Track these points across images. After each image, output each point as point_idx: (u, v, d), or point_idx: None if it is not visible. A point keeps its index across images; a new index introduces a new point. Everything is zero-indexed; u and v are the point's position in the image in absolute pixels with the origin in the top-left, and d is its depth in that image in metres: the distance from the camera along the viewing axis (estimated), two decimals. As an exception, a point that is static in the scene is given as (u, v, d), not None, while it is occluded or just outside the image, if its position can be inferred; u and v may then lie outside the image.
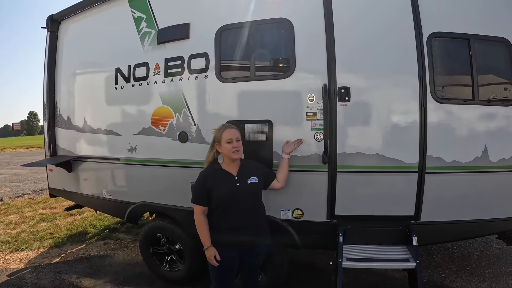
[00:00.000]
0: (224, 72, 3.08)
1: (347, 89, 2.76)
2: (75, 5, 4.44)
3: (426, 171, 2.78)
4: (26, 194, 8.96)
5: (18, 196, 8.65)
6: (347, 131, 2.83)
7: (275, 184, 2.61)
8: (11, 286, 3.89)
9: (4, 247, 5.08)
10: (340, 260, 2.66)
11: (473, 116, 2.81)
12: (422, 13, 2.78)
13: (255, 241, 2.40)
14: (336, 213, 2.89)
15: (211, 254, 2.32)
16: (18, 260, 4.64)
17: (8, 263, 4.56)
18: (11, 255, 4.82)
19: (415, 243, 2.68)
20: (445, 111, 2.80)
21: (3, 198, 8.47)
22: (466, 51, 2.81)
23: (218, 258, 2.31)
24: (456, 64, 2.99)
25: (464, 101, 2.79)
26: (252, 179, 2.42)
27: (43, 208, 7.32)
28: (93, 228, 5.88)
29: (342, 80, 2.78)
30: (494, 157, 2.79)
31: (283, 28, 2.91)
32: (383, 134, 2.84)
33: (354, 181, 2.87)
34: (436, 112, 2.78)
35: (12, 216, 6.83)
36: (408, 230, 2.77)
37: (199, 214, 2.41)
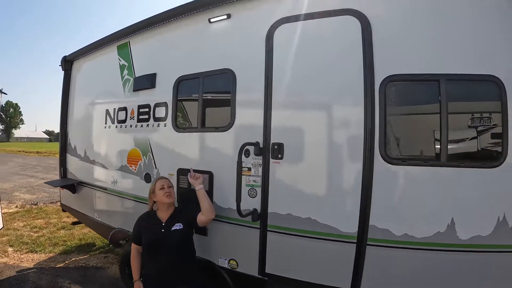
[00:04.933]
0: (178, 122, 3.38)
1: (280, 146, 2.68)
2: (84, 47, 5.16)
3: (368, 243, 2.47)
4: (59, 201, 10.01)
5: (52, 202, 9.82)
6: (279, 190, 2.73)
7: (200, 217, 2.79)
8: (15, 280, 4.74)
9: (22, 247, 6.09)
10: None
11: (436, 181, 2.36)
12: (376, 54, 2.45)
13: (178, 283, 2.73)
14: (267, 271, 2.84)
15: (137, 287, 2.72)
16: (29, 260, 5.55)
17: (21, 261, 5.48)
18: (25, 255, 5.76)
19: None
20: (397, 174, 2.42)
21: (38, 203, 9.63)
22: (435, 96, 2.37)
23: None
24: (417, 113, 2.60)
25: (426, 162, 2.39)
26: (177, 226, 2.75)
27: (67, 217, 8.21)
28: (101, 241, 6.51)
29: (276, 136, 2.72)
30: (465, 233, 2.32)
31: (227, 79, 3.03)
32: (318, 197, 2.61)
33: (285, 243, 2.74)
34: (385, 175, 2.42)
35: (39, 220, 8.02)
36: None
37: (133, 251, 2.89)
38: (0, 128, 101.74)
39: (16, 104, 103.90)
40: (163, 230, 2.75)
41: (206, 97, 3.26)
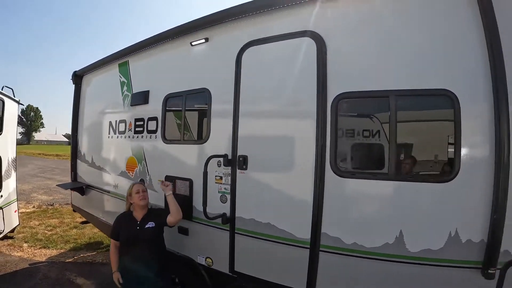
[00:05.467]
0: (166, 134, 3.86)
1: (245, 158, 3.05)
2: (91, 64, 5.77)
3: (320, 249, 2.68)
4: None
5: (67, 204, 10.53)
6: (244, 197, 3.08)
7: (169, 219, 3.25)
8: (28, 271, 5.40)
9: (37, 243, 6.79)
10: None
11: (384, 194, 2.48)
12: (330, 72, 2.64)
13: (150, 273, 3.15)
14: (235, 269, 3.20)
15: (115, 277, 3.24)
16: (42, 255, 6.22)
17: (34, 256, 6.16)
18: (39, 250, 6.44)
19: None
20: (347, 186, 2.58)
21: (54, 204, 10.37)
22: (385, 112, 2.51)
23: (121, 281, 3.19)
24: (367, 129, 2.85)
25: (374, 176, 2.55)
26: (149, 224, 3.25)
27: (80, 217, 8.81)
28: (108, 240, 7.08)
29: (242, 149, 3.09)
30: (414, 246, 2.38)
31: (204, 97, 3.47)
32: (275, 205, 2.90)
33: (250, 244, 3.06)
34: (335, 187, 2.59)
35: (54, 220, 8.76)
36: None
37: (112, 246, 3.40)
38: (21, 131, 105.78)
39: (37, 108, 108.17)
40: (138, 228, 3.23)
41: (187, 113, 3.77)
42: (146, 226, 3.23)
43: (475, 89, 2.25)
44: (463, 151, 2.27)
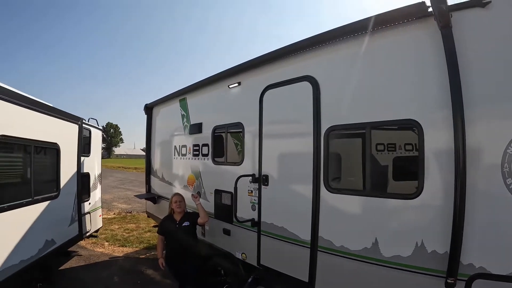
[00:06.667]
0: (215, 157, 5.01)
1: (267, 177, 4.02)
2: (159, 99, 7.34)
3: (318, 249, 3.37)
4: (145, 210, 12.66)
5: (143, 211, 12.38)
6: (266, 206, 4.03)
7: (199, 220, 4.45)
8: (107, 263, 7.02)
9: (116, 242, 8.57)
10: None
11: (362, 207, 3.05)
12: (323, 109, 3.34)
13: (185, 261, 4.37)
14: (261, 262, 4.11)
15: (160, 262, 4.55)
16: (120, 251, 7.90)
17: (113, 252, 7.85)
18: (117, 248, 8.17)
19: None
20: (335, 200, 3.25)
21: (132, 211, 12.39)
22: (363, 140, 3.07)
23: (164, 265, 4.48)
24: (350, 154, 3.55)
25: (353, 192, 3.16)
26: (186, 223, 4.50)
27: (154, 223, 10.46)
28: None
29: (265, 170, 4.06)
30: (387, 251, 2.85)
31: (239, 128, 4.54)
32: (287, 213, 3.74)
33: (271, 243, 3.93)
34: (327, 200, 3.31)
35: (131, 224, 10.68)
36: None
37: (158, 239, 4.72)
38: (102, 146, 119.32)
39: (116, 125, 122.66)
40: (176, 226, 4.48)
41: (229, 141, 4.92)
42: (183, 225, 4.45)
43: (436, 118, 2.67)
44: (426, 173, 2.68)
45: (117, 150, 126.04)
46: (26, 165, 4.63)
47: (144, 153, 8.46)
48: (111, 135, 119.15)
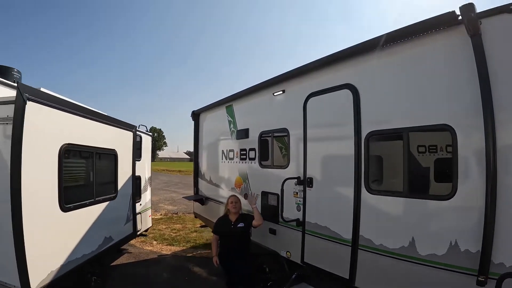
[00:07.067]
0: (262, 161, 5.37)
1: (311, 179, 4.30)
2: (205, 106, 7.87)
3: (359, 247, 3.57)
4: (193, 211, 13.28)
5: (189, 213, 13.22)
6: (311, 207, 4.29)
7: (254, 223, 4.63)
8: (156, 260, 7.45)
9: (163, 241, 9.09)
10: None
11: (401, 208, 3.22)
12: (363, 115, 3.55)
13: (238, 260, 4.59)
14: (304, 260, 4.39)
15: (214, 260, 4.74)
16: (167, 250, 8.39)
17: (162, 250, 8.34)
18: (165, 246, 8.68)
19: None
20: (376, 201, 3.43)
21: (178, 212, 13.19)
22: (400, 145, 3.21)
23: (218, 263, 4.69)
24: (390, 156, 3.66)
25: (393, 193, 3.32)
26: (241, 224, 4.70)
27: (200, 223, 11.06)
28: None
29: (309, 172, 4.33)
30: (423, 250, 3.00)
31: (285, 134, 4.85)
32: (330, 213, 4.00)
33: (314, 242, 4.20)
34: (368, 201, 3.49)
35: (178, 225, 11.29)
36: None
37: (213, 238, 4.96)
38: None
39: (160, 129, 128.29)
40: (232, 227, 4.71)
41: (275, 145, 5.22)
42: (238, 226, 4.71)
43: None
44: (459, 174, 2.83)
45: (161, 154, 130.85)
46: (89, 169, 5.12)
47: (187, 156, 9.00)
48: (155, 139, 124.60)
